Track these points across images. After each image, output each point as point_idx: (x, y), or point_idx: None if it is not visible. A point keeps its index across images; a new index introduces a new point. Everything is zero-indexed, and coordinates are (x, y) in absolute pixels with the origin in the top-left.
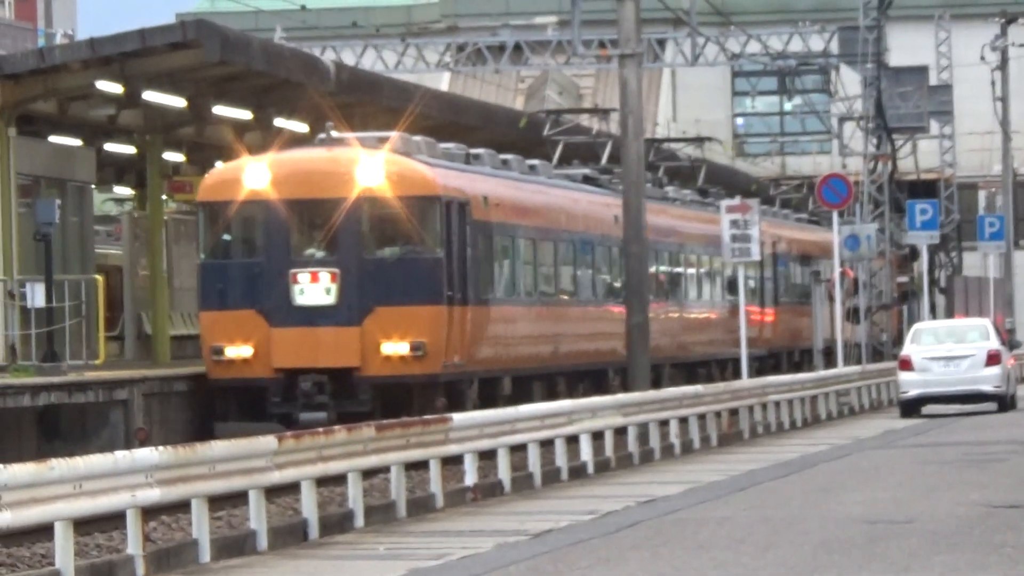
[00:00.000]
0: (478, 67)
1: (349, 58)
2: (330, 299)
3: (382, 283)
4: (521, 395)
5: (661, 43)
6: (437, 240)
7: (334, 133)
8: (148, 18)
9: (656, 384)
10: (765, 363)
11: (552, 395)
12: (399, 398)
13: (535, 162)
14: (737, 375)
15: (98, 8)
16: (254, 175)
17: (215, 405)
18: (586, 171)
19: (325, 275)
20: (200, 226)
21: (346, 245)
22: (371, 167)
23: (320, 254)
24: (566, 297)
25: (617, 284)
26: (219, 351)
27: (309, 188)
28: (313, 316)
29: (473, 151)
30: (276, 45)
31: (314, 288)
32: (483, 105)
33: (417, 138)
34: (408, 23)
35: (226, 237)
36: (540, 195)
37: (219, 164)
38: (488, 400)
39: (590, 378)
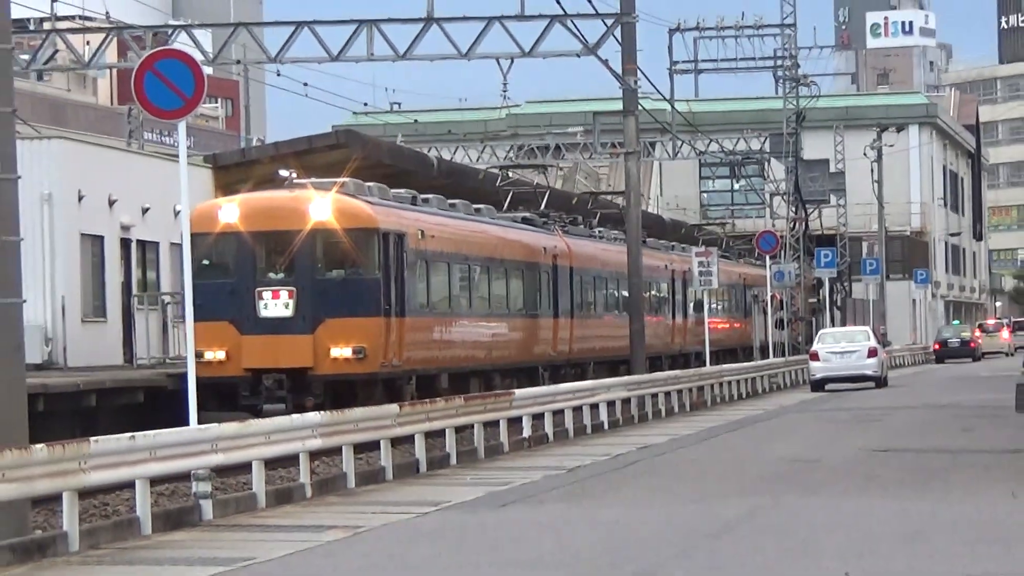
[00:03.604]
0: (531, 160)
1: (446, 154)
2: (288, 312)
3: (331, 299)
4: (459, 389)
5: (652, 144)
6: (375, 264)
7: (295, 179)
8: (313, 128)
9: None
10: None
11: (489, 388)
12: (345, 392)
13: (480, 206)
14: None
15: (282, 121)
16: (228, 212)
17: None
18: (525, 214)
19: (284, 293)
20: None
21: (301, 268)
22: (321, 205)
23: (280, 275)
24: (498, 310)
25: (546, 300)
26: (200, 355)
27: (272, 222)
28: (275, 326)
29: (423, 196)
30: (398, 146)
31: (276, 303)
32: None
33: (370, 184)
34: (485, 131)
35: (205, 262)
36: (477, 231)
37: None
38: (429, 392)
39: (524, 374)
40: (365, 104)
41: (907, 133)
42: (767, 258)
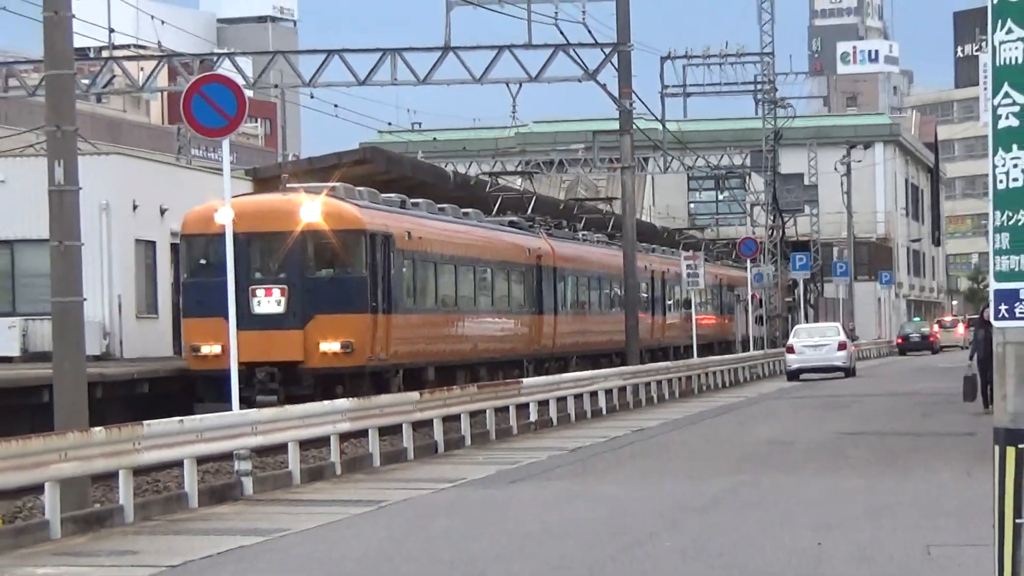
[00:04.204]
0: (538, 174)
1: (461, 168)
2: (280, 309)
3: (320, 296)
4: (446, 381)
5: (645, 160)
6: (362, 263)
7: (289, 184)
8: (343, 145)
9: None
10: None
11: (476, 379)
12: (334, 384)
13: (468, 210)
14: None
15: (314, 139)
16: (223, 214)
17: (194, 390)
18: (512, 218)
19: (276, 290)
20: (182, 253)
21: (292, 267)
22: (312, 208)
23: (273, 274)
24: (484, 307)
25: (530, 298)
26: (196, 348)
27: (265, 223)
28: (267, 322)
29: (413, 200)
30: (418, 161)
31: (268, 300)
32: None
33: (360, 188)
34: (496, 148)
35: (202, 261)
36: (463, 232)
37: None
38: (415, 384)
39: (510, 367)
40: (389, 124)
41: (873, 150)
42: (748, 261)
